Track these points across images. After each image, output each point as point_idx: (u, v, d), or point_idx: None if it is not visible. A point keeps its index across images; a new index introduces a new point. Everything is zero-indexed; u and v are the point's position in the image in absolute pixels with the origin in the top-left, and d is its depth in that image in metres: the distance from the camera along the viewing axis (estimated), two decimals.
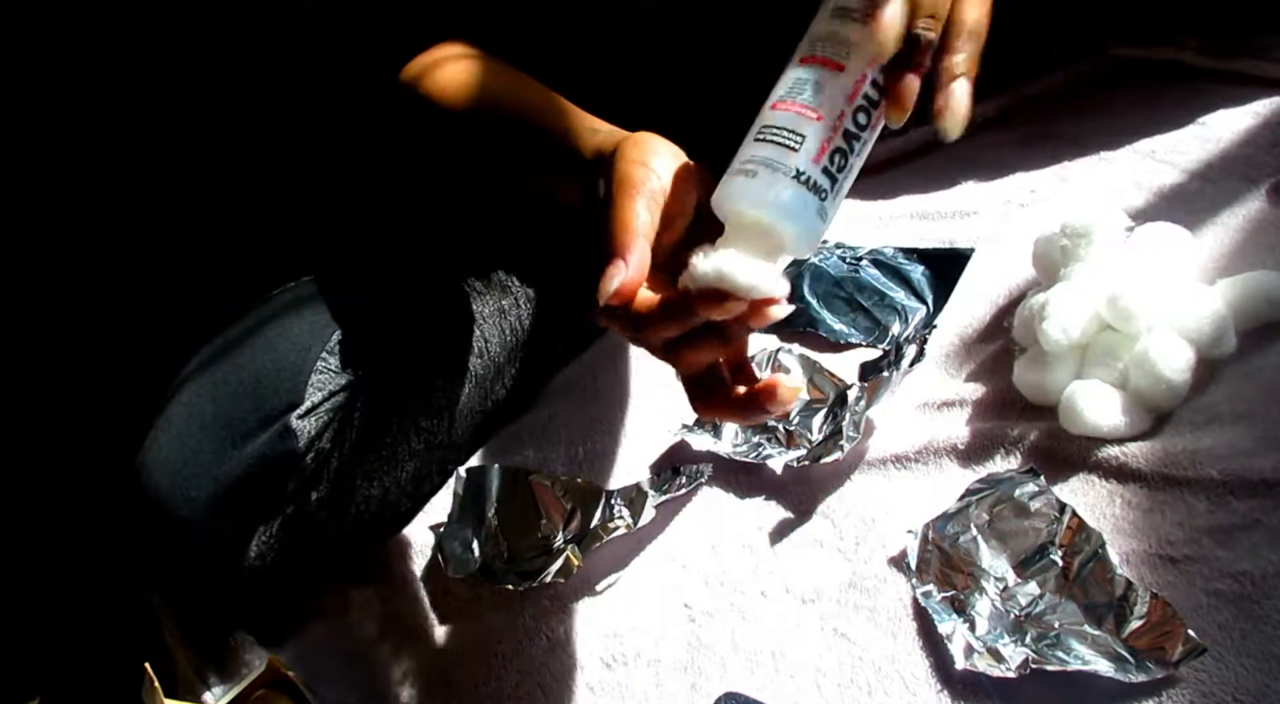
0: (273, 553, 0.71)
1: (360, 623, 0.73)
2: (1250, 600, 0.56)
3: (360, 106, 0.74)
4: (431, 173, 0.78)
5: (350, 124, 0.81)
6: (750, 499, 0.73)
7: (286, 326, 0.72)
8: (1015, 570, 0.61)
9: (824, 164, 0.43)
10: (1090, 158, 0.89)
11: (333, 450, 0.72)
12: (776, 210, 0.43)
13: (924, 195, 0.93)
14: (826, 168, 0.43)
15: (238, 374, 0.71)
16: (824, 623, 0.64)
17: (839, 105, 0.43)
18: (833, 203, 0.44)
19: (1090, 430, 0.65)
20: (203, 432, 0.69)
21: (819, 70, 0.44)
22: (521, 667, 0.67)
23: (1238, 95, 0.88)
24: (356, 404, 0.73)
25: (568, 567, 0.68)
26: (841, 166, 0.43)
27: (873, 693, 0.60)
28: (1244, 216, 0.77)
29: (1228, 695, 0.53)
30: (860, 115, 0.43)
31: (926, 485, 0.68)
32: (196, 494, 0.68)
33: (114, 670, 0.78)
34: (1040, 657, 0.56)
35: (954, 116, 0.43)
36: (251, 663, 0.72)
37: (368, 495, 0.74)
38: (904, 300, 0.82)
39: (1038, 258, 0.75)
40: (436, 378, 0.76)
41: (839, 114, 0.43)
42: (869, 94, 0.43)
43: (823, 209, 0.43)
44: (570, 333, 0.87)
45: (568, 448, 0.80)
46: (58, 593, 0.99)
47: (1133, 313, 0.66)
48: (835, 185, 0.43)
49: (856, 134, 0.43)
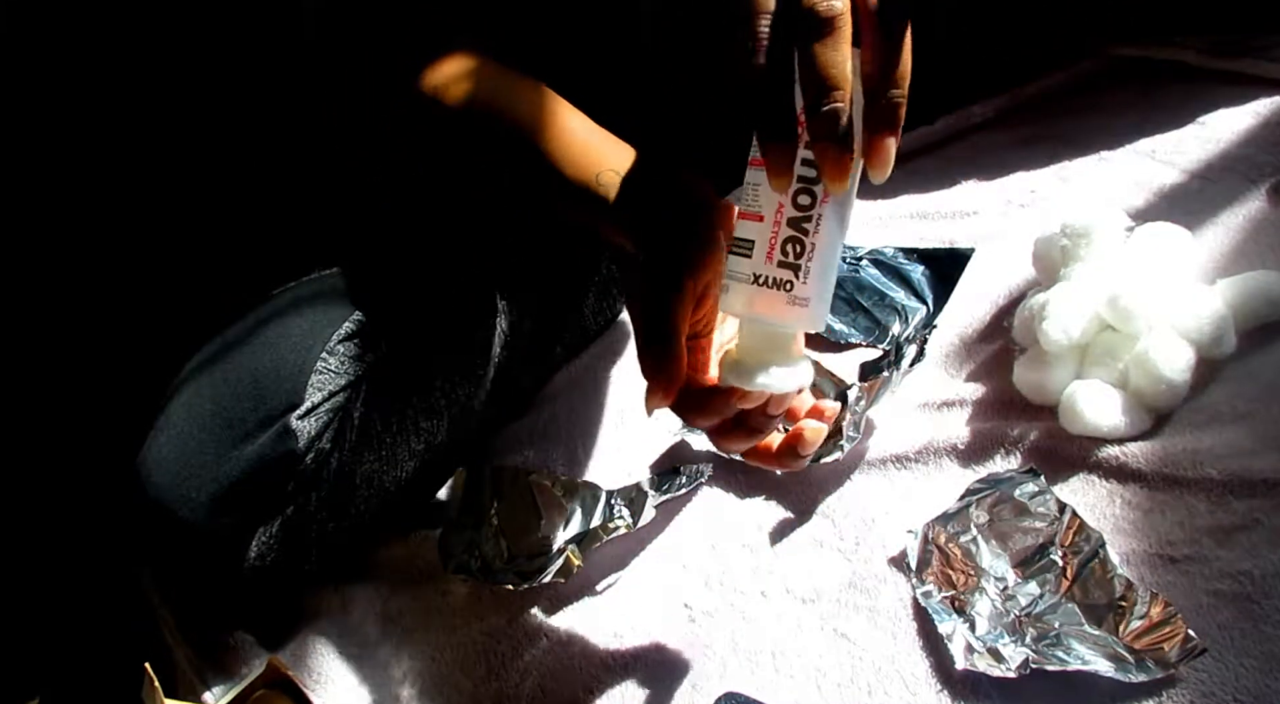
0: (273, 553, 0.71)
1: (360, 623, 0.73)
2: (1250, 600, 0.56)
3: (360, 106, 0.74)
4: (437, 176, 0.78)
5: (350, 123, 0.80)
6: (750, 499, 0.73)
7: (286, 326, 0.72)
8: (1015, 570, 0.61)
9: (778, 259, 0.45)
10: (1090, 158, 0.89)
11: (333, 450, 0.72)
12: (753, 311, 0.46)
13: (924, 195, 0.93)
14: (782, 261, 0.45)
15: (238, 374, 0.71)
16: (824, 623, 0.64)
17: (775, 199, 0.46)
18: (809, 282, 0.46)
19: (1090, 430, 0.65)
20: (203, 432, 0.69)
21: (757, 172, 0.46)
22: (521, 667, 0.67)
23: (1238, 95, 0.88)
24: (356, 404, 0.73)
25: (568, 567, 0.68)
26: (800, 252, 0.45)
27: (873, 693, 0.60)
28: (1244, 216, 0.77)
29: (1228, 695, 0.53)
30: (800, 197, 0.45)
31: (926, 485, 0.69)
32: (196, 494, 0.68)
33: (114, 670, 0.78)
34: (1040, 657, 0.56)
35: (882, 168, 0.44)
36: (251, 663, 0.72)
37: (368, 495, 0.74)
38: (904, 300, 0.82)
39: (1038, 258, 0.75)
40: (436, 378, 0.76)
41: (777, 207, 0.45)
42: (803, 175, 0.45)
43: (793, 297, 0.46)
44: (570, 333, 0.87)
45: (568, 448, 0.80)
46: (58, 593, 0.99)
47: (1133, 313, 0.66)
48: (801, 270, 0.45)
49: (804, 215, 0.45)
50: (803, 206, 0.45)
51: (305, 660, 0.72)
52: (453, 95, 0.65)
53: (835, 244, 0.46)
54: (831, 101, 0.42)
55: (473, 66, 0.66)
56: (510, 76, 0.65)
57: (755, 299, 0.46)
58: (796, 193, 0.45)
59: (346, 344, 0.73)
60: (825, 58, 0.42)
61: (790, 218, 0.45)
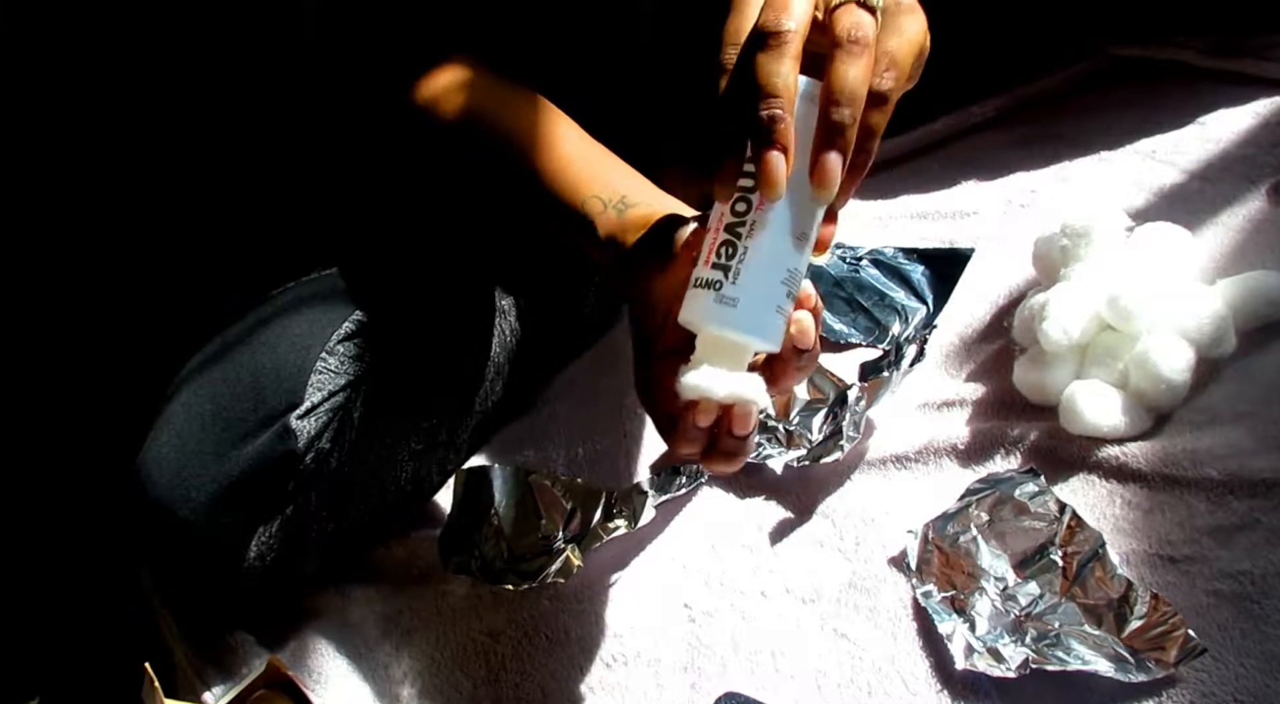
0: (273, 553, 0.71)
1: (360, 623, 0.73)
2: (1250, 600, 0.56)
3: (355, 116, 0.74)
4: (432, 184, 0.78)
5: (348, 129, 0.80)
6: (750, 499, 0.73)
7: (286, 326, 0.72)
8: (1015, 570, 0.61)
9: (712, 261, 0.47)
10: (1090, 158, 0.89)
11: (332, 450, 0.72)
12: (688, 314, 0.48)
13: (924, 195, 0.93)
14: (715, 263, 0.46)
15: (238, 374, 0.71)
16: (824, 623, 0.64)
17: (719, 209, 0.47)
18: (739, 283, 0.46)
19: (1090, 430, 0.65)
20: (203, 432, 0.69)
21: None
22: (521, 667, 0.67)
23: (1238, 95, 0.88)
24: (356, 404, 0.73)
25: (568, 567, 0.68)
26: (731, 254, 0.46)
27: (873, 693, 0.60)
28: (1244, 216, 0.77)
29: (1228, 695, 0.53)
30: (738, 204, 0.47)
31: (926, 485, 0.69)
32: (196, 494, 0.68)
33: (114, 670, 0.78)
34: (1040, 657, 0.56)
35: (824, 187, 0.45)
36: (251, 663, 0.72)
37: (367, 495, 0.74)
38: (904, 300, 0.82)
39: (1038, 258, 0.75)
40: (436, 378, 0.76)
41: (719, 216, 0.47)
42: (742, 184, 0.46)
43: (720, 296, 0.46)
44: (570, 333, 0.87)
45: (568, 448, 0.80)
46: (58, 593, 0.99)
47: (1133, 313, 0.66)
48: (730, 271, 0.46)
49: (739, 220, 0.47)
50: (739, 213, 0.47)
51: (305, 660, 0.72)
52: (446, 109, 0.65)
53: (779, 254, 0.47)
54: (767, 107, 0.44)
55: (467, 78, 0.66)
56: (505, 89, 0.65)
57: (690, 301, 0.47)
58: (735, 200, 0.47)
59: (346, 344, 0.73)
60: (765, 67, 0.44)
61: (727, 224, 0.47)
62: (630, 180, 0.61)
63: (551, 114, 0.64)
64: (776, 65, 0.44)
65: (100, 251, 0.99)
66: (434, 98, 0.66)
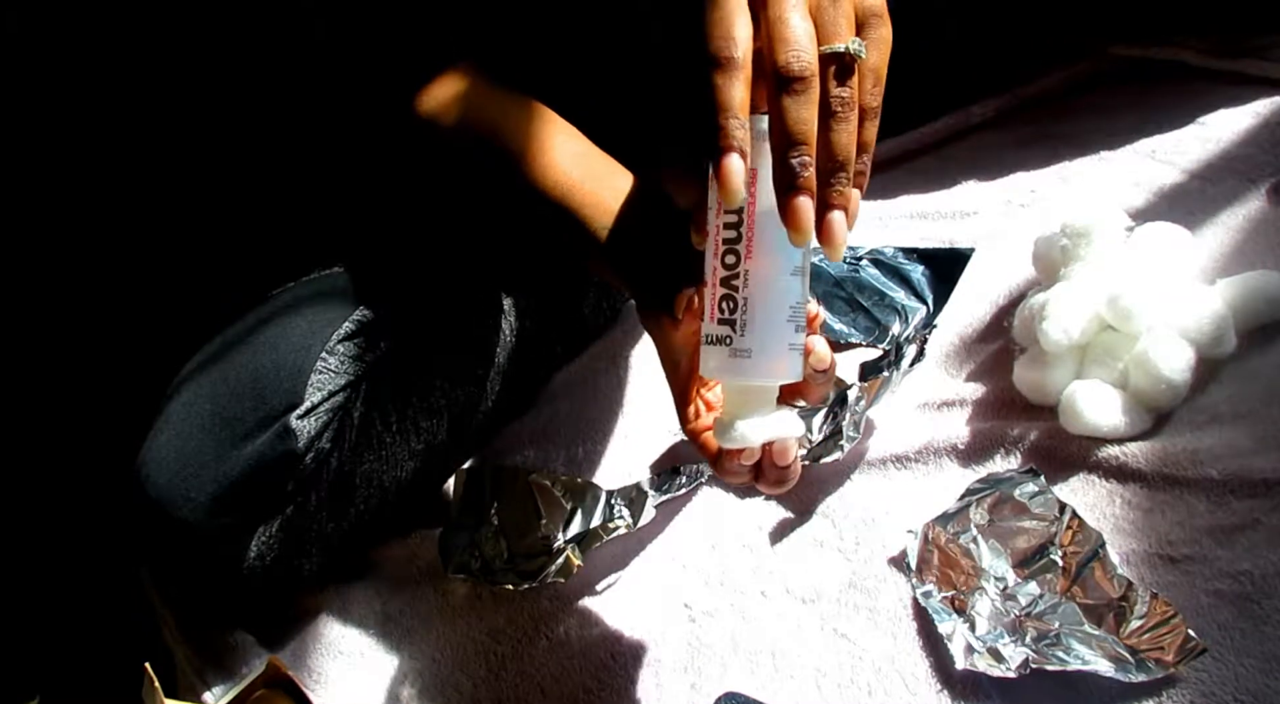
0: (273, 553, 0.71)
1: (360, 623, 0.73)
2: (1250, 600, 0.56)
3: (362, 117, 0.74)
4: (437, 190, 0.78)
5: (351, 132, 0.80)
6: (750, 499, 0.73)
7: (286, 326, 0.72)
8: (1015, 570, 0.61)
9: (717, 317, 0.48)
10: (1090, 158, 0.89)
11: (332, 450, 0.72)
12: (707, 371, 0.49)
13: (924, 195, 0.93)
14: (721, 318, 0.48)
15: (237, 374, 0.71)
16: (824, 623, 0.64)
17: (711, 264, 0.48)
18: (748, 335, 0.48)
19: (1090, 430, 0.65)
20: (203, 432, 0.69)
21: (705, 243, 0.49)
22: (521, 667, 0.67)
23: (1238, 95, 0.88)
24: (356, 404, 0.73)
25: (568, 567, 0.68)
26: (733, 307, 0.48)
27: (873, 693, 0.60)
28: (1244, 216, 0.77)
29: (1228, 695, 0.53)
30: (728, 257, 0.48)
31: (926, 485, 0.68)
32: (196, 494, 0.68)
33: (114, 670, 0.78)
34: (1040, 657, 0.56)
35: (832, 247, 0.44)
36: (251, 663, 0.72)
37: (368, 495, 0.74)
38: (904, 300, 0.82)
39: (1038, 258, 0.75)
40: (436, 378, 0.76)
41: (713, 270, 0.48)
42: (727, 236, 0.48)
43: (733, 350, 0.48)
44: (570, 333, 0.87)
45: (568, 448, 0.80)
46: (58, 593, 0.99)
47: (1133, 313, 0.66)
48: (736, 324, 0.48)
49: (732, 273, 0.48)
50: (729, 266, 0.48)
51: (305, 660, 0.72)
52: (448, 120, 0.65)
53: (779, 296, 0.48)
54: (799, 155, 0.44)
55: (469, 88, 0.66)
56: (507, 99, 0.65)
57: (707, 358, 0.49)
58: (724, 254, 0.48)
59: (346, 344, 0.73)
60: (794, 114, 0.44)
61: (721, 278, 0.48)
62: (623, 193, 0.61)
63: (552, 122, 0.64)
64: (803, 112, 0.44)
65: (101, 252, 0.99)
66: (436, 108, 0.66)
